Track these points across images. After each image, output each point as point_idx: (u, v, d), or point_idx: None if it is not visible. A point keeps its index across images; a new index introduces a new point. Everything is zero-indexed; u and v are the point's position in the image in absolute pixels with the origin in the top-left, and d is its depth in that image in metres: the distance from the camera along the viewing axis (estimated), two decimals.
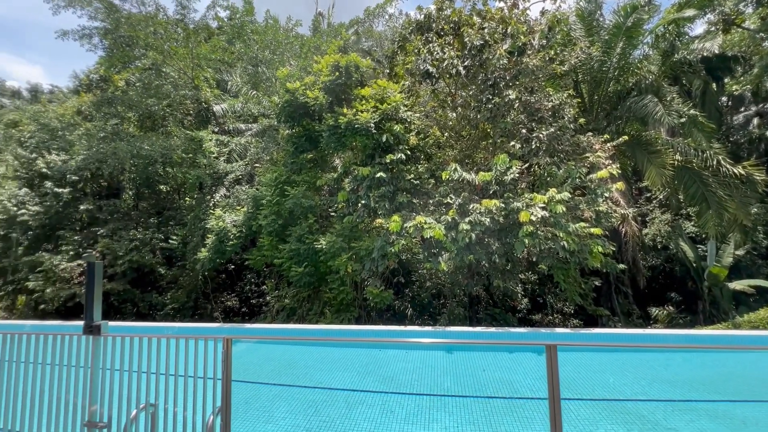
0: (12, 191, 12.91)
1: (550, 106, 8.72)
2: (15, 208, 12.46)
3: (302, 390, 5.40)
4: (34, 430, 2.50)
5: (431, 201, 8.86)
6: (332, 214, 10.67)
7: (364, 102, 9.07)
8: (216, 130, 14.46)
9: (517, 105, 8.68)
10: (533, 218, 6.94)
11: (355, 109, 8.89)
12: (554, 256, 7.42)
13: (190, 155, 13.00)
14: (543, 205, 7.12)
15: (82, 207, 12.84)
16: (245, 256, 11.27)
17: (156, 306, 12.76)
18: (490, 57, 8.69)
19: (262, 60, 12.78)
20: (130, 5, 13.34)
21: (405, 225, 7.75)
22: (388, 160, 8.58)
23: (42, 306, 12.00)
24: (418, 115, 10.09)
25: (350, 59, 9.81)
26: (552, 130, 8.31)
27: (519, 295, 10.72)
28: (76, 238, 12.88)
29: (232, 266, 13.80)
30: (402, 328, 8.17)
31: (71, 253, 12.52)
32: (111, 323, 2.71)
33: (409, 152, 8.97)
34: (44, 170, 12.85)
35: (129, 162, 12.73)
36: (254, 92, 13.73)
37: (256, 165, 12.65)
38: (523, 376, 5.75)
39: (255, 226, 10.55)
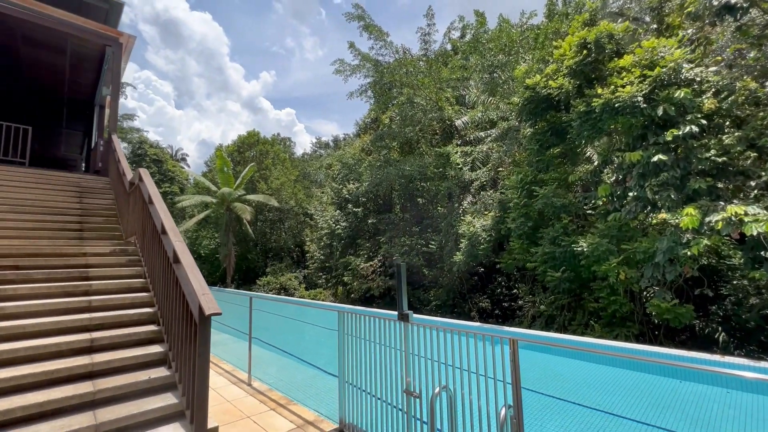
0: (332, 213, 18.56)
1: None
2: (334, 225, 17.82)
3: (576, 408, 4.88)
4: (370, 387, 3.36)
5: (752, 183, 6.26)
6: (589, 212, 9.36)
7: (624, 74, 7.53)
8: (459, 143, 15.70)
9: None
10: None
11: (612, 87, 7.51)
12: None
13: (440, 169, 14.65)
14: None
15: (369, 221, 16.88)
16: (496, 260, 11.53)
17: (423, 301, 14.96)
18: None
19: (497, 65, 12.95)
20: (388, 57, 16.65)
21: (707, 219, 5.80)
22: (669, 138, 6.71)
23: (351, 295, 16.46)
24: (713, 68, 7.44)
25: (600, 30, 8.41)
26: None
27: None
28: (367, 244, 17.03)
29: (482, 269, 14.43)
30: (710, 356, 6.04)
31: (365, 256, 16.62)
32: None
33: (703, 121, 6.71)
34: (347, 196, 17.76)
35: (396, 182, 15.71)
36: (491, 99, 14.04)
37: (500, 169, 12.81)
38: None
39: (503, 230, 10.64)
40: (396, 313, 3.10)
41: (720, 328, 7.67)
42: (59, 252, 4.55)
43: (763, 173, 6.13)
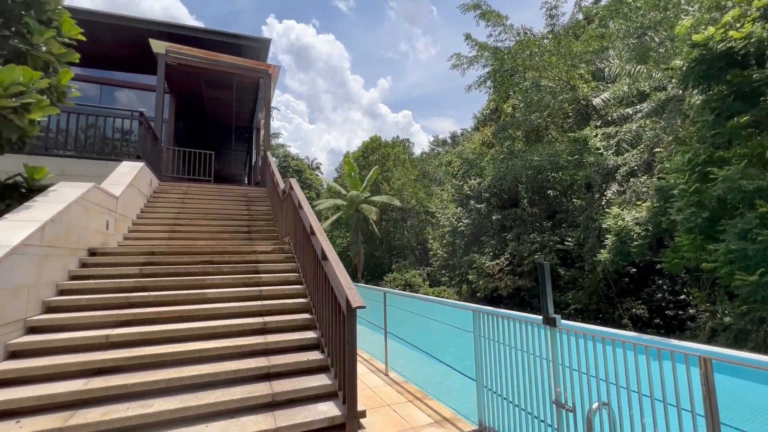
0: (453, 210, 18.40)
1: None
2: (456, 222, 17.62)
3: None
4: (510, 393, 3.16)
5: None
6: None
7: None
8: (598, 124, 13.68)
9: None
10: None
11: None
12: None
13: (575, 156, 13.02)
14: None
15: (493, 217, 16.13)
16: (654, 259, 9.64)
17: (559, 304, 13.54)
18: None
19: (648, 25, 10.80)
20: (508, 42, 15.59)
21: None
22: None
23: (477, 294, 16.00)
24: None
25: None
26: None
27: None
28: (492, 242, 16.31)
29: (634, 269, 12.25)
30: None
31: (490, 254, 15.94)
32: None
33: None
34: (468, 192, 17.35)
35: (522, 174, 14.60)
36: (640, 67, 11.80)
37: (656, 150, 10.66)
38: None
39: (665, 223, 8.81)
40: (536, 316, 2.84)
41: None
42: (238, 250, 5.63)
43: None
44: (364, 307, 2.88)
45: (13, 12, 4.54)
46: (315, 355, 3.68)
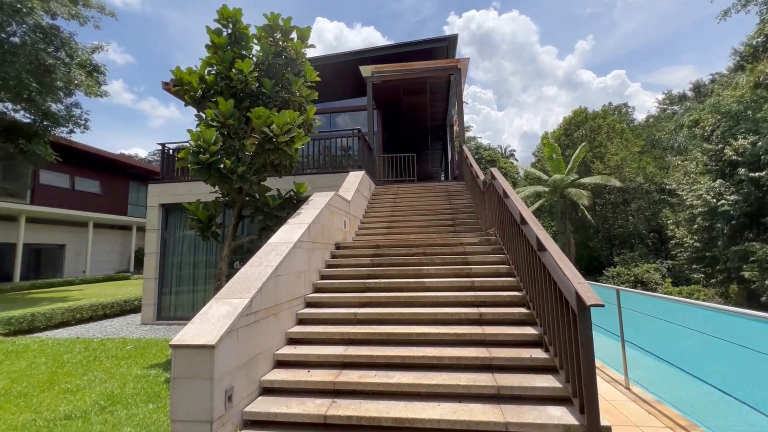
0: (708, 185, 13.73)
1: None
2: (713, 200, 13.09)
3: None
4: None
5: None
6: None
7: None
8: None
9: None
10: None
11: None
12: None
13: None
14: None
15: None
16: None
17: None
18: None
19: None
20: None
21: None
22: None
23: (762, 298, 11.37)
24: None
25: None
26: None
27: None
28: None
29: None
30: None
31: None
32: None
33: None
34: (734, 157, 12.56)
35: None
36: None
37: None
38: None
39: None
40: None
41: None
42: (446, 242, 5.90)
43: None
44: (602, 306, 2.43)
45: (278, 71, 6.22)
46: (538, 353, 3.40)
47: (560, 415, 2.75)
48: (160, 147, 9.82)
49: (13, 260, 18.12)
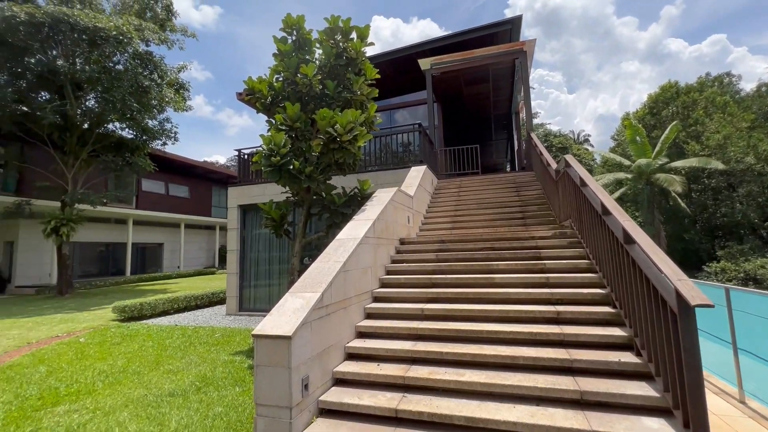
0: None
1: None
2: None
3: None
4: None
5: None
6: None
7: None
8: None
9: None
10: None
11: None
12: None
13: None
14: None
15: None
16: None
17: None
18: None
19: None
20: None
21: None
22: None
23: None
24: None
25: None
26: None
27: None
28: None
29: None
30: None
31: None
32: None
33: None
34: None
35: None
36: None
37: None
38: None
39: None
40: None
41: None
42: (515, 236, 5.60)
43: None
44: (712, 306, 2.09)
45: (340, 72, 6.38)
46: (628, 357, 3.07)
47: (658, 428, 2.45)
48: (236, 153, 10.69)
49: (124, 257, 21.16)
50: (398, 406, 2.93)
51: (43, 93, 14.02)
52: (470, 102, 14.16)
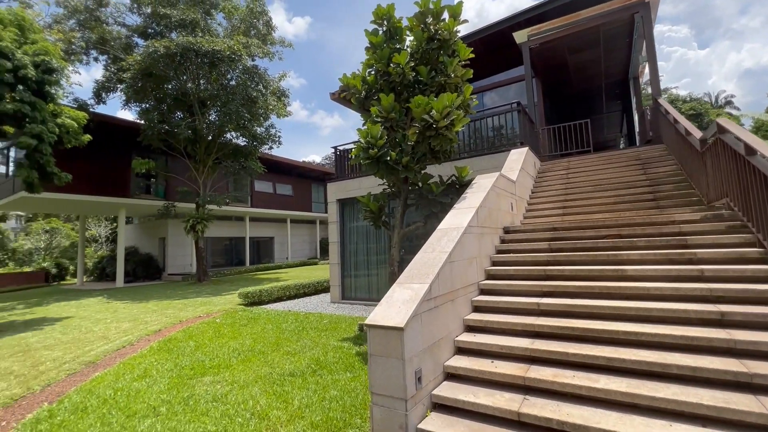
0: None
1: None
2: None
3: None
4: None
5: None
6: None
7: None
8: None
9: None
10: None
11: None
12: None
13: None
14: None
15: None
16: None
17: None
18: None
19: None
20: None
21: None
22: None
23: None
24: None
25: None
26: None
27: None
28: None
29: None
30: None
31: None
32: None
33: None
34: None
35: None
36: None
37: None
38: None
39: None
40: None
41: None
42: (649, 221, 4.74)
43: None
44: None
45: (432, 56, 6.14)
46: None
47: None
48: (333, 150, 11.25)
49: (244, 250, 24.26)
50: (521, 409, 2.67)
51: (178, 113, 16.69)
52: (576, 73, 12.57)
